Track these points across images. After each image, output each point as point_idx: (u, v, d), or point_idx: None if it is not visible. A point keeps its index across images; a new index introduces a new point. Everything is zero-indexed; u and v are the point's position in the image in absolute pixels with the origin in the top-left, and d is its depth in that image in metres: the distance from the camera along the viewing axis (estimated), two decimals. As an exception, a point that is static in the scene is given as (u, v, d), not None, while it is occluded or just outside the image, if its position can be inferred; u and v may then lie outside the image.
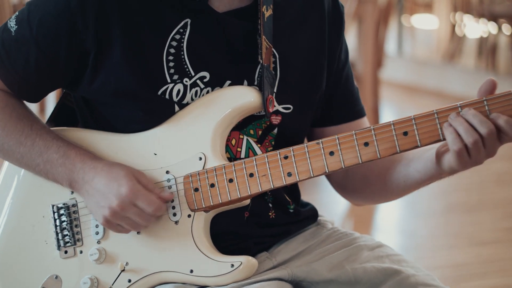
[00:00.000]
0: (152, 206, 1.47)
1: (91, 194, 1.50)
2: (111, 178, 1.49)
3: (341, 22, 1.68)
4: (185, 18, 1.52)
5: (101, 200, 1.48)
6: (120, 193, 1.47)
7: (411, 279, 1.55)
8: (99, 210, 1.49)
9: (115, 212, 1.47)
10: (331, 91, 1.67)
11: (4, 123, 1.56)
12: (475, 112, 1.39)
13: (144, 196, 1.48)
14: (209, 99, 1.53)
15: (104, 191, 1.48)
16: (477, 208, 4.34)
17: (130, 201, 1.47)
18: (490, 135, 1.38)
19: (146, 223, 1.49)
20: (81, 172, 1.51)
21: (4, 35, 1.55)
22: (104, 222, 1.50)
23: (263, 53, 1.53)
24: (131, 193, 1.47)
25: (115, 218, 1.48)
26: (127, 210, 1.47)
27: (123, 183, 1.48)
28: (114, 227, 1.51)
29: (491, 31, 7.42)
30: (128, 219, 1.49)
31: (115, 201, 1.47)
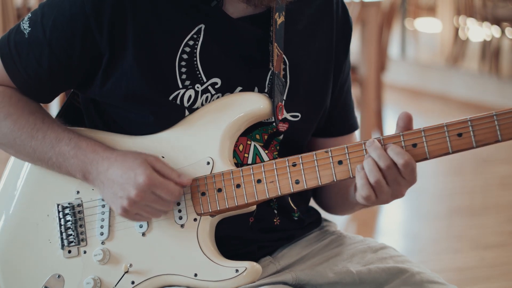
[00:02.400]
0: (171, 194, 1.47)
1: (107, 185, 1.50)
2: (126, 167, 1.48)
3: (350, 34, 1.69)
4: (199, 23, 1.52)
5: (118, 191, 1.48)
6: (138, 183, 1.46)
7: (417, 277, 1.55)
8: (117, 201, 1.48)
9: (134, 202, 1.47)
10: (333, 103, 1.68)
11: (17, 117, 1.56)
12: (376, 146, 1.41)
13: (162, 184, 1.47)
14: (219, 105, 1.53)
15: (120, 181, 1.48)
16: (480, 211, 4.34)
17: (149, 190, 1.47)
18: (388, 170, 1.40)
19: (166, 208, 1.49)
20: (94, 162, 1.51)
21: (17, 37, 1.55)
22: (123, 212, 1.49)
23: (274, 60, 1.53)
24: (149, 182, 1.46)
25: (134, 207, 1.48)
26: (146, 198, 1.47)
27: (140, 172, 1.47)
28: (132, 216, 1.50)
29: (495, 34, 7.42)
30: (147, 207, 1.48)
31: (133, 191, 1.46)
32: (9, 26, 1.49)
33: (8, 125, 1.55)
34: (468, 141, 1.39)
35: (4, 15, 4.97)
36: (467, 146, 1.39)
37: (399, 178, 1.41)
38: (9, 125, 1.55)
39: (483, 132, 1.38)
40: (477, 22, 7.52)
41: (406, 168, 1.40)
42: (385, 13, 5.07)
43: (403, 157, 1.39)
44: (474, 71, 7.43)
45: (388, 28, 5.15)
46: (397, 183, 1.42)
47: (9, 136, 1.56)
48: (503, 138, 1.38)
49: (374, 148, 1.41)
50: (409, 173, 1.41)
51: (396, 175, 1.41)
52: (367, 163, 1.41)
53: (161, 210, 1.49)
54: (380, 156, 1.40)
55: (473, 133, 1.38)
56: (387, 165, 1.40)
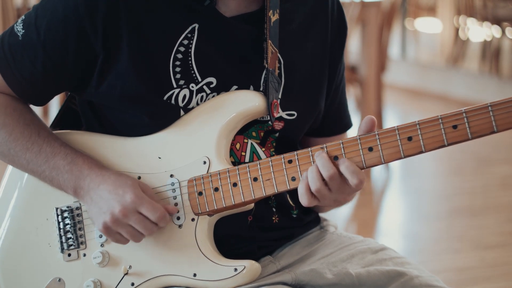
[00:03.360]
0: (157, 213, 1.47)
1: (94, 200, 1.50)
2: (117, 185, 1.49)
3: (345, 34, 1.69)
4: (193, 23, 1.52)
5: (103, 206, 1.48)
6: (125, 200, 1.47)
7: (415, 281, 1.55)
8: (100, 216, 1.48)
9: (116, 218, 1.47)
10: (328, 103, 1.68)
11: (12, 128, 1.56)
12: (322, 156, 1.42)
13: (149, 203, 1.47)
14: (214, 104, 1.53)
15: (108, 197, 1.48)
16: (481, 211, 4.34)
17: (134, 208, 1.47)
18: (331, 179, 1.41)
19: (147, 232, 1.48)
20: (87, 178, 1.51)
21: (11, 39, 1.55)
22: (104, 229, 1.49)
23: (269, 58, 1.53)
24: (136, 200, 1.47)
25: (115, 225, 1.48)
26: (129, 217, 1.47)
27: (128, 190, 1.47)
28: (113, 235, 1.50)
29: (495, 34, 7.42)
30: (128, 227, 1.48)
31: (118, 207, 1.47)
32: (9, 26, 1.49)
33: (3, 135, 1.55)
34: (464, 133, 1.38)
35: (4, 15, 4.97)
36: (463, 138, 1.39)
37: (344, 188, 1.42)
38: (4, 136, 1.55)
39: (478, 123, 1.37)
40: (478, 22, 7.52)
41: (358, 186, 1.41)
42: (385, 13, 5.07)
43: (358, 177, 1.40)
44: (475, 71, 7.43)
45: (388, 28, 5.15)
46: (341, 191, 1.43)
47: (4, 146, 1.56)
48: (499, 129, 1.37)
49: (320, 157, 1.42)
50: (359, 187, 1.42)
51: (341, 185, 1.42)
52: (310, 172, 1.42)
53: (141, 233, 1.49)
54: (324, 165, 1.41)
55: (468, 124, 1.38)
56: (329, 175, 1.40)
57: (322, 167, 1.41)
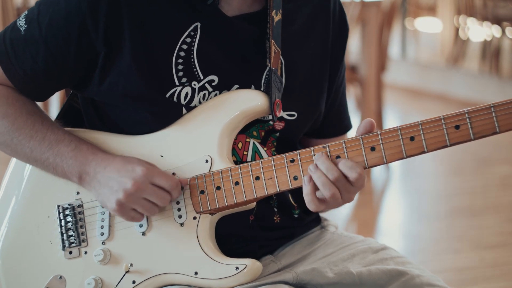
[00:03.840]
0: (170, 181, 1.47)
1: (103, 183, 1.49)
2: (124, 163, 1.49)
3: (346, 35, 1.69)
4: (195, 21, 1.52)
5: (114, 185, 1.48)
6: (136, 174, 1.47)
7: (416, 280, 1.55)
8: (112, 196, 1.48)
9: (130, 194, 1.46)
10: (329, 105, 1.68)
11: (14, 117, 1.56)
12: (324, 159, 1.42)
13: (160, 172, 1.48)
14: (216, 102, 1.53)
15: (117, 176, 1.48)
16: (481, 211, 4.34)
17: (147, 179, 1.47)
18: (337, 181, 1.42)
19: (163, 202, 1.48)
20: (93, 163, 1.51)
21: (12, 34, 1.55)
22: (118, 207, 1.48)
23: (272, 57, 1.54)
24: (147, 172, 1.47)
25: (129, 200, 1.47)
26: (143, 189, 1.46)
27: (137, 165, 1.48)
28: (127, 213, 1.49)
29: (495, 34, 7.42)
30: (143, 200, 1.48)
31: (130, 182, 1.46)
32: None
33: (6, 124, 1.55)
34: (466, 133, 1.38)
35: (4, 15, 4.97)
36: (465, 138, 1.39)
37: (348, 187, 1.43)
38: (6, 125, 1.55)
39: (480, 124, 1.38)
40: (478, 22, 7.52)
41: (358, 180, 1.42)
42: (385, 13, 5.07)
43: (356, 171, 1.41)
44: (475, 71, 7.43)
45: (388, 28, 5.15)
46: (347, 191, 1.44)
47: (6, 135, 1.56)
48: (501, 129, 1.37)
49: (322, 161, 1.43)
50: (358, 182, 1.43)
51: (346, 185, 1.43)
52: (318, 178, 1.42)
53: (157, 205, 1.49)
54: (329, 169, 1.42)
55: (470, 125, 1.38)
56: (335, 178, 1.41)
57: (328, 171, 1.42)
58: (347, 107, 1.76)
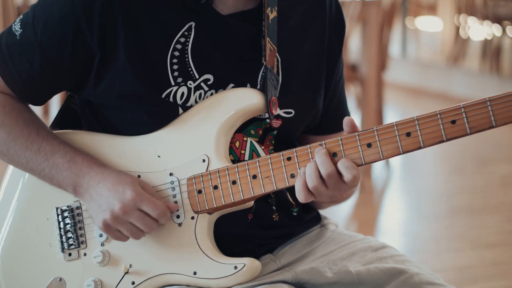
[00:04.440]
0: (157, 209, 1.47)
1: (94, 198, 1.50)
2: (117, 182, 1.49)
3: (343, 32, 1.69)
4: (190, 21, 1.52)
5: (103, 204, 1.48)
6: (125, 197, 1.47)
7: (416, 278, 1.55)
8: (100, 214, 1.48)
9: (116, 216, 1.47)
10: (327, 102, 1.68)
11: (11, 127, 1.56)
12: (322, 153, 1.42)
13: (149, 200, 1.48)
14: (213, 101, 1.53)
15: (107, 195, 1.48)
16: (481, 211, 4.34)
17: (134, 205, 1.47)
18: (329, 177, 1.41)
19: (148, 229, 1.48)
20: (87, 176, 1.51)
21: (8, 39, 1.55)
22: (104, 227, 1.49)
23: (267, 55, 1.53)
24: (136, 197, 1.47)
25: (115, 222, 1.48)
26: (130, 214, 1.47)
27: (128, 187, 1.47)
28: (113, 233, 1.50)
29: (496, 33, 7.42)
30: (128, 224, 1.48)
31: (118, 205, 1.47)
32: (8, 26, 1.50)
33: (2, 134, 1.55)
34: (462, 128, 1.38)
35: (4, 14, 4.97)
36: (461, 133, 1.39)
37: (340, 185, 1.43)
38: (3, 135, 1.55)
39: (477, 118, 1.38)
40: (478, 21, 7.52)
41: (352, 181, 1.41)
42: (386, 11, 5.07)
43: (352, 173, 1.40)
44: (475, 70, 7.43)
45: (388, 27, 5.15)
46: (338, 188, 1.43)
47: (3, 145, 1.56)
48: (497, 123, 1.37)
49: (319, 155, 1.42)
50: (354, 183, 1.42)
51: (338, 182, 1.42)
52: (309, 168, 1.42)
53: (142, 230, 1.49)
54: (323, 163, 1.41)
55: (467, 119, 1.38)
56: (328, 173, 1.41)
57: (321, 165, 1.41)
58: (346, 103, 1.76)
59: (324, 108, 1.68)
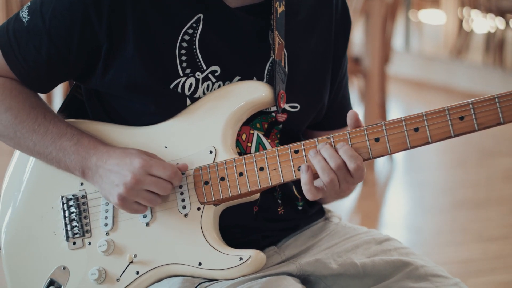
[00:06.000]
0: (168, 170, 1.47)
1: (104, 177, 1.50)
2: (123, 156, 1.49)
3: (349, 28, 1.69)
4: (198, 13, 1.52)
5: (115, 179, 1.48)
6: (134, 166, 1.47)
7: (420, 270, 1.55)
8: (114, 190, 1.48)
9: (130, 187, 1.47)
10: (332, 97, 1.68)
11: (17, 111, 1.56)
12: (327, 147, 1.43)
13: (158, 163, 1.48)
14: (221, 93, 1.53)
15: (117, 169, 1.48)
16: (484, 204, 4.34)
17: (145, 171, 1.47)
18: (339, 169, 1.42)
19: (163, 191, 1.48)
20: (94, 158, 1.51)
21: (15, 25, 1.55)
22: (120, 202, 1.48)
23: (276, 48, 1.53)
24: (145, 164, 1.47)
25: (131, 194, 1.47)
26: (143, 181, 1.47)
27: (135, 157, 1.48)
28: (130, 206, 1.50)
29: (499, 26, 7.41)
30: (144, 192, 1.48)
31: (129, 175, 1.46)
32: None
33: (9, 118, 1.55)
34: (470, 124, 1.39)
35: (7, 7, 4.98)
36: (469, 129, 1.39)
37: (348, 177, 1.44)
38: (9, 118, 1.55)
39: (485, 114, 1.38)
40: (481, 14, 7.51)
41: (356, 171, 1.42)
42: (389, 4, 5.06)
43: (356, 162, 1.41)
44: (478, 63, 7.42)
45: (392, 20, 5.14)
46: (346, 181, 1.44)
47: (10, 129, 1.56)
48: (505, 120, 1.38)
49: (326, 148, 1.43)
50: (358, 174, 1.43)
51: (346, 175, 1.43)
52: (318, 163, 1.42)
53: (159, 194, 1.49)
54: (331, 156, 1.42)
55: (475, 116, 1.38)
56: (337, 165, 1.42)
57: (329, 158, 1.42)
58: (349, 100, 1.77)
59: (328, 104, 1.68)
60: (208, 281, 1.51)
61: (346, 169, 1.42)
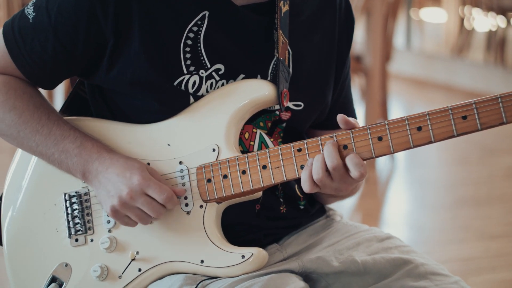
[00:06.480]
0: (163, 194, 1.47)
1: (102, 183, 1.50)
2: (124, 168, 1.49)
3: (352, 28, 1.69)
4: (203, 10, 1.52)
5: (111, 189, 1.49)
6: (132, 182, 1.47)
7: (421, 268, 1.56)
8: (108, 200, 1.49)
9: (124, 201, 1.47)
10: (335, 97, 1.69)
11: (22, 111, 1.56)
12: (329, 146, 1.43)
13: (156, 184, 1.48)
14: (225, 92, 1.53)
15: (115, 180, 1.49)
16: (486, 202, 4.34)
17: (141, 190, 1.47)
18: (335, 169, 1.42)
19: (155, 214, 1.49)
20: (96, 162, 1.51)
21: (21, 22, 1.55)
22: (112, 212, 1.50)
23: (279, 47, 1.54)
24: (143, 182, 1.47)
25: (123, 207, 1.48)
26: (137, 199, 1.47)
27: (136, 173, 1.48)
28: (121, 219, 1.51)
29: (500, 24, 7.40)
30: (136, 209, 1.49)
31: (125, 190, 1.47)
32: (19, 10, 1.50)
33: (13, 117, 1.56)
34: (473, 124, 1.39)
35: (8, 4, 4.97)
36: (472, 128, 1.40)
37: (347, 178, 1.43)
38: (13, 118, 1.56)
39: (488, 114, 1.38)
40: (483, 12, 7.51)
41: (359, 179, 1.42)
42: (390, 3, 5.06)
43: (360, 170, 1.41)
44: (480, 61, 7.42)
45: (393, 18, 5.14)
46: (344, 181, 1.44)
47: (13, 128, 1.56)
48: (508, 120, 1.38)
49: (327, 147, 1.43)
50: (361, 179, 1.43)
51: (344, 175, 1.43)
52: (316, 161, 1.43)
53: (150, 215, 1.49)
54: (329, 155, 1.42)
55: (477, 115, 1.39)
56: (334, 165, 1.42)
57: (327, 157, 1.42)
58: (352, 100, 1.77)
59: (331, 104, 1.68)
60: (210, 279, 1.51)
61: (344, 171, 1.42)
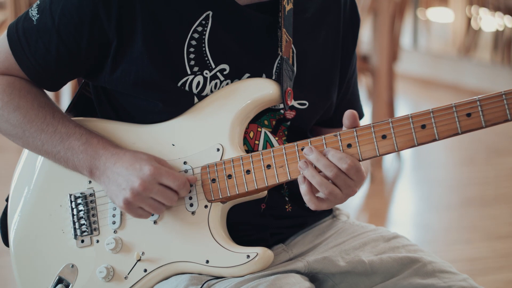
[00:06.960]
0: (177, 180, 1.48)
1: (112, 179, 1.50)
2: (133, 161, 1.49)
3: (358, 26, 1.69)
4: (207, 10, 1.52)
5: (122, 183, 1.48)
6: (143, 173, 1.47)
7: (429, 267, 1.56)
8: (120, 193, 1.49)
9: (137, 193, 1.47)
10: (341, 95, 1.68)
11: (26, 110, 1.56)
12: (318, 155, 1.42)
13: (168, 172, 1.48)
14: (228, 91, 1.53)
15: (125, 173, 1.48)
16: (492, 202, 4.33)
17: (154, 179, 1.47)
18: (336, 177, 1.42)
19: (169, 202, 1.49)
20: (103, 158, 1.51)
21: (25, 24, 1.55)
22: (125, 206, 1.49)
23: (283, 46, 1.54)
24: (155, 172, 1.47)
25: (136, 200, 1.48)
26: (150, 189, 1.47)
27: (145, 163, 1.48)
28: (135, 211, 1.50)
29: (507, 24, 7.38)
30: (150, 200, 1.48)
31: (137, 181, 1.47)
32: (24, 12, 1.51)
33: (18, 117, 1.56)
34: (477, 121, 1.38)
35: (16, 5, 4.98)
36: (476, 126, 1.39)
37: (348, 181, 1.43)
38: (18, 118, 1.56)
39: (492, 111, 1.38)
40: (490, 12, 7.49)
41: (350, 171, 1.41)
42: (397, 2, 5.05)
43: (346, 161, 1.41)
44: (486, 61, 7.40)
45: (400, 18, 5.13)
46: (348, 186, 1.43)
47: (18, 128, 1.56)
48: None
49: (318, 158, 1.42)
50: (355, 174, 1.42)
51: (346, 180, 1.42)
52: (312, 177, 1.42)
53: (164, 204, 1.49)
54: (326, 166, 1.41)
55: (482, 112, 1.38)
56: (335, 174, 1.41)
57: (325, 169, 1.42)
58: (359, 96, 1.76)
59: (337, 101, 1.68)
60: (215, 279, 1.51)
61: (345, 175, 1.42)
